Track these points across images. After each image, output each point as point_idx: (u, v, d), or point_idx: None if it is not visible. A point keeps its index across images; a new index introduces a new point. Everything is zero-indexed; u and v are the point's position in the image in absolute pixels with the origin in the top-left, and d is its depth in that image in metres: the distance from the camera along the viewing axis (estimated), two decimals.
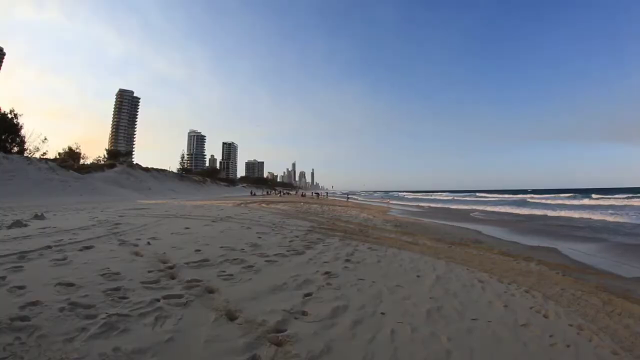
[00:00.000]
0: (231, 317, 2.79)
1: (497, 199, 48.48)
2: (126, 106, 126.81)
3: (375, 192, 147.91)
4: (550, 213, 21.12)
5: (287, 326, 2.70)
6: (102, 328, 2.34)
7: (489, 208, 27.36)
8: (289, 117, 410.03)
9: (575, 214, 19.52)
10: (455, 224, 15.84)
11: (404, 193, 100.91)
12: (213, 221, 9.28)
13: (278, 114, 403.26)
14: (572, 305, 3.90)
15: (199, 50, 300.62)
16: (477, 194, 75.49)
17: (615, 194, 45.69)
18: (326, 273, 4.33)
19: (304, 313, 2.98)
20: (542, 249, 8.92)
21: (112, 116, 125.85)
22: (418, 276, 4.63)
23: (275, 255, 5.20)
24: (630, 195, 41.33)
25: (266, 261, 4.78)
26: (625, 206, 26.18)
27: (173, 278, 3.70)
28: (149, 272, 3.83)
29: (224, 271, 4.09)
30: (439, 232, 11.53)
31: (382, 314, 3.13)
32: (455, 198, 54.07)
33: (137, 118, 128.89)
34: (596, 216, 18.22)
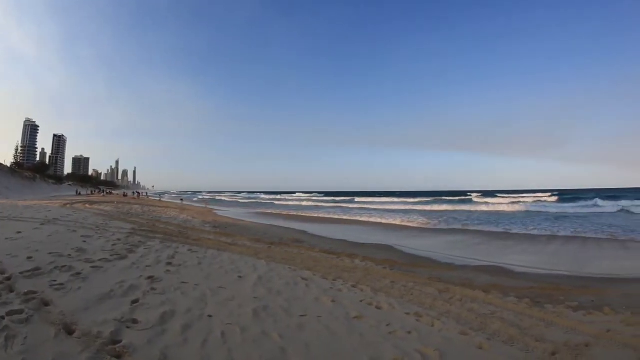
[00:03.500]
0: (69, 331, 2.83)
1: (327, 202, 53.16)
2: None
3: (188, 192, 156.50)
4: (378, 215, 23.67)
5: (122, 336, 2.79)
6: None
7: (312, 213, 28.91)
8: (118, 111, 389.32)
9: (409, 216, 22.35)
10: (273, 223, 17.82)
11: (203, 194, 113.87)
12: (42, 224, 9.28)
13: (108, 106, 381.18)
14: (406, 296, 4.48)
15: (52, 26, 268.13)
16: (298, 194, 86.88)
17: (442, 196, 55.94)
18: (150, 277, 4.48)
19: (134, 321, 3.06)
20: (371, 246, 10.19)
21: None
22: (240, 277, 5.02)
23: (100, 260, 5.28)
24: (460, 198, 49.39)
25: (92, 267, 4.82)
26: (455, 210, 29.77)
27: (12, 291, 3.64)
28: None
29: (55, 280, 4.06)
30: (258, 232, 12.75)
31: (210, 316, 3.32)
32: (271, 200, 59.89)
33: None
34: (430, 218, 21.16)
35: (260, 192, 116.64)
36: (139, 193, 65.53)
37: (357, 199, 52.27)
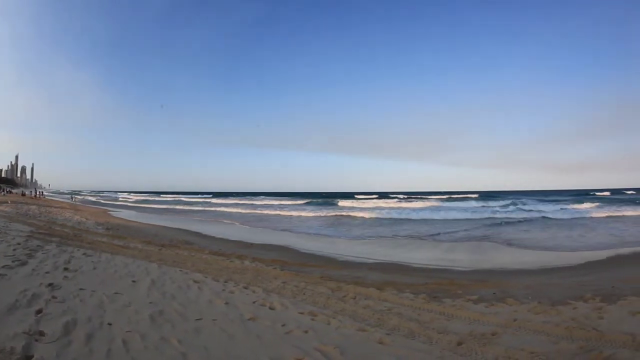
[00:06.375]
0: None
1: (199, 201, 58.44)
2: None
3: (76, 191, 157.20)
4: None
5: (33, 351, 2.93)
6: None
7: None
8: (19, 99, 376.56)
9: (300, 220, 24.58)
10: (163, 224, 19.05)
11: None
12: None
13: (12, 93, 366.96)
14: (298, 296, 4.88)
15: None
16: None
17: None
18: (50, 285, 4.60)
19: (41, 333, 3.20)
20: (261, 247, 10.88)
21: None
22: (134, 281, 5.27)
23: (3, 267, 5.34)
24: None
25: None
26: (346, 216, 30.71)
27: None
28: None
29: None
30: (149, 234, 13.39)
31: (109, 324, 3.53)
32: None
33: None
34: (321, 220, 23.31)
35: (147, 192, 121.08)
36: (36, 192, 64.58)
37: (241, 201, 54.97)
